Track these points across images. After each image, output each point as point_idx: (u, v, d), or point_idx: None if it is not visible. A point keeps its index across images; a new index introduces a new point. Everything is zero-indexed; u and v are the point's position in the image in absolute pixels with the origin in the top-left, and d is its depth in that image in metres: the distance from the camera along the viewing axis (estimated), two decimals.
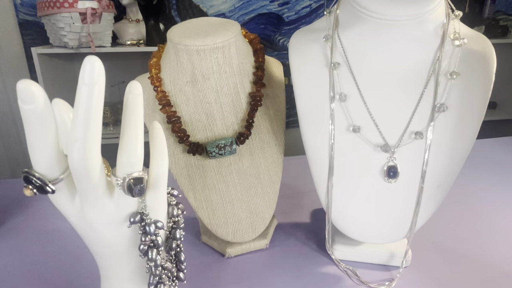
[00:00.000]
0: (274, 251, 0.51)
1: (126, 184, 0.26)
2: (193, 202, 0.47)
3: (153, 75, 0.46)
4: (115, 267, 0.32)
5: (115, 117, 1.67)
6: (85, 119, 0.23)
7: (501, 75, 0.81)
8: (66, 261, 0.49)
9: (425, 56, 0.42)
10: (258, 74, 0.48)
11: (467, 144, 0.41)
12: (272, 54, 1.87)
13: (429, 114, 0.42)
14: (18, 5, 1.60)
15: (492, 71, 0.41)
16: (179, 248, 0.33)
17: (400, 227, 0.43)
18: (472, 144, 0.41)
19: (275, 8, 1.81)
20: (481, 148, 0.87)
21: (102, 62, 0.22)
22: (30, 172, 0.25)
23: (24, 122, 0.24)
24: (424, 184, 0.42)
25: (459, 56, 0.41)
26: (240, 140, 0.46)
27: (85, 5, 1.29)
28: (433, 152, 0.41)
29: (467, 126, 0.41)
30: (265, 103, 0.49)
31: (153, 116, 0.47)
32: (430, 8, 0.40)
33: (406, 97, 0.42)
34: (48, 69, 1.50)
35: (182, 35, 0.44)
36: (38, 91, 0.23)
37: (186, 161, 0.47)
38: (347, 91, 0.43)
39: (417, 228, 0.43)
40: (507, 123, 1.92)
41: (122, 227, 0.29)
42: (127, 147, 0.26)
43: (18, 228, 0.57)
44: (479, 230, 0.56)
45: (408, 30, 0.41)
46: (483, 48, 0.42)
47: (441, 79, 0.41)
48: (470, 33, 0.43)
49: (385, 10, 0.40)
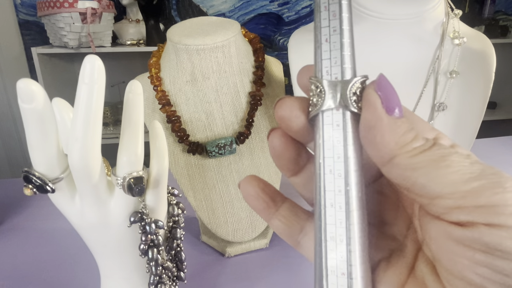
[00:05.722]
0: (274, 250, 0.51)
1: (126, 184, 0.26)
2: (193, 202, 0.47)
3: (153, 75, 0.46)
4: (115, 267, 0.32)
5: (115, 117, 1.67)
6: (85, 119, 0.23)
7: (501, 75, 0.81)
8: (66, 261, 0.49)
9: (425, 55, 0.42)
10: (258, 73, 0.48)
11: (467, 143, 0.41)
12: (272, 54, 1.87)
13: (428, 113, 0.42)
14: (18, 5, 1.60)
15: (492, 70, 0.41)
16: (179, 247, 0.33)
17: None
18: (471, 143, 0.41)
19: (275, 8, 1.81)
20: (481, 147, 0.87)
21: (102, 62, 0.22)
22: (30, 171, 0.25)
23: (24, 122, 0.24)
24: None
25: (458, 55, 0.41)
26: (240, 139, 0.46)
27: (85, 5, 1.29)
28: None
29: (467, 125, 0.41)
30: (265, 102, 0.49)
31: (153, 116, 0.47)
32: (430, 7, 0.40)
33: (406, 96, 0.42)
34: (48, 69, 1.50)
35: (182, 35, 0.44)
36: (38, 90, 0.23)
37: (186, 161, 0.47)
38: None
39: None
40: (507, 123, 1.91)
41: (122, 226, 0.29)
42: (127, 147, 0.26)
43: (18, 227, 0.57)
44: None
45: (408, 29, 0.41)
46: (483, 47, 0.42)
47: (440, 78, 0.41)
48: (470, 32, 0.43)
49: (384, 9, 0.40)
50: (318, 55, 0.15)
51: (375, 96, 0.14)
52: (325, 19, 0.15)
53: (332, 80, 0.14)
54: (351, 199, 0.14)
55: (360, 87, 0.14)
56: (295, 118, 0.15)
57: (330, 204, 0.14)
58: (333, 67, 0.15)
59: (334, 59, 0.14)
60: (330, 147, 0.14)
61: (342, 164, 0.14)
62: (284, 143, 0.16)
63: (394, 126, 0.13)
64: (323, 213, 0.14)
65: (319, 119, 0.15)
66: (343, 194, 0.14)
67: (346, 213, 0.14)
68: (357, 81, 0.14)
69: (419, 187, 0.13)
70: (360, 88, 0.14)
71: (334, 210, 0.14)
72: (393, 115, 0.14)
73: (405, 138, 0.13)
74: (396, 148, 0.13)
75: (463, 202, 0.12)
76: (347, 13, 0.14)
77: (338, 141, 0.14)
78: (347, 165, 0.14)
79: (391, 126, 0.13)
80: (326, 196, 0.14)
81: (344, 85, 0.14)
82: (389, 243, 0.17)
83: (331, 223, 0.14)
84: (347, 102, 0.14)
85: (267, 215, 0.18)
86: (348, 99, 0.14)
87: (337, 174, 0.14)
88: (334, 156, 0.14)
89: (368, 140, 0.14)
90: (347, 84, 0.14)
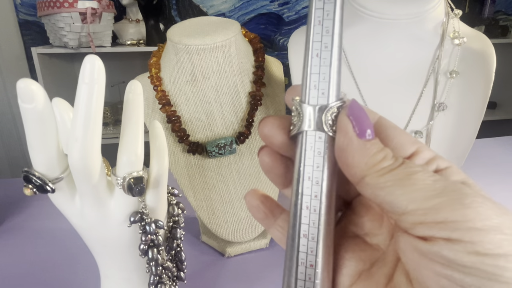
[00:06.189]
0: (274, 250, 0.51)
1: (126, 184, 0.26)
2: (193, 202, 0.47)
3: (153, 75, 0.46)
4: (115, 267, 0.32)
5: (115, 117, 1.67)
6: (85, 118, 0.23)
7: (501, 75, 0.81)
8: (66, 261, 0.49)
9: (425, 55, 0.42)
10: (258, 73, 0.48)
11: (467, 143, 0.41)
12: (272, 54, 1.86)
13: (428, 113, 0.42)
14: (18, 5, 1.60)
15: (492, 70, 0.41)
16: (179, 247, 0.33)
17: None
18: (472, 143, 0.41)
19: (275, 8, 1.81)
20: (481, 147, 0.87)
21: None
22: (30, 171, 0.25)
23: (24, 122, 0.24)
24: None
25: (458, 55, 0.41)
26: (240, 139, 0.46)
27: (85, 5, 1.29)
28: None
29: (467, 125, 0.41)
30: (265, 102, 0.49)
31: (153, 116, 0.47)
32: (430, 7, 0.40)
33: (406, 96, 0.42)
34: (48, 69, 1.50)
35: (182, 35, 0.44)
36: (38, 90, 0.23)
37: (186, 161, 0.47)
38: (346, 90, 0.43)
39: None
40: (507, 123, 1.91)
41: (122, 226, 0.29)
42: (127, 147, 0.26)
43: (18, 227, 0.57)
44: None
45: (408, 29, 0.41)
46: (483, 46, 0.42)
47: (440, 78, 0.41)
48: (470, 32, 0.43)
49: (384, 9, 0.40)
50: (306, 73, 0.16)
51: (347, 120, 0.15)
52: (317, 38, 0.16)
53: (310, 104, 0.16)
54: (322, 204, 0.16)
55: (336, 112, 0.16)
56: (277, 136, 0.17)
57: (306, 207, 0.16)
58: (312, 90, 0.16)
59: (322, 75, 0.16)
60: (309, 163, 0.16)
61: (319, 184, 0.16)
62: (273, 160, 0.18)
63: (364, 148, 0.15)
64: (299, 214, 0.16)
65: (298, 138, 0.16)
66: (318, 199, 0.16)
67: (319, 215, 0.16)
68: (333, 106, 0.16)
69: (388, 204, 0.14)
70: (336, 113, 0.16)
71: (309, 212, 0.16)
72: (364, 137, 0.15)
73: (374, 159, 0.15)
74: (365, 169, 0.15)
75: (425, 218, 0.13)
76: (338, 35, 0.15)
77: (316, 161, 0.16)
78: (321, 188, 0.16)
79: (361, 148, 0.15)
80: (303, 200, 0.16)
81: (321, 109, 0.16)
82: (373, 253, 0.18)
83: (305, 223, 0.16)
84: (321, 125, 0.16)
85: (266, 224, 0.20)
86: (323, 123, 0.16)
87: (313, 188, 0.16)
88: (312, 171, 0.16)
89: (341, 161, 0.15)
90: (323, 109, 0.16)
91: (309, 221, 0.16)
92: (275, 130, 0.17)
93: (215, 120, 0.46)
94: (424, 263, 0.13)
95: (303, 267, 0.17)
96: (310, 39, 0.16)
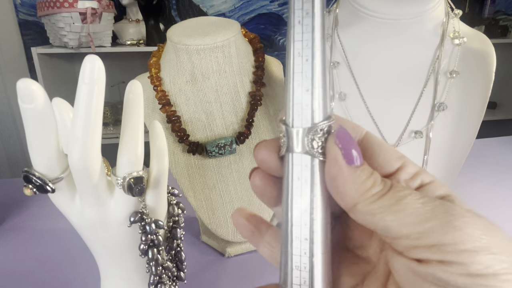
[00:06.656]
0: None
1: (126, 184, 0.26)
2: (193, 202, 0.47)
3: (153, 75, 0.46)
4: (115, 267, 0.32)
5: (115, 117, 1.67)
6: (86, 119, 0.23)
7: (501, 75, 0.81)
8: (66, 261, 0.49)
9: (425, 55, 0.42)
10: (258, 73, 0.48)
11: (467, 143, 0.41)
12: (272, 54, 1.86)
13: (428, 113, 0.42)
14: (18, 5, 1.60)
15: (492, 70, 0.41)
16: (179, 247, 0.33)
17: None
18: (472, 143, 0.41)
19: (275, 8, 1.81)
20: (481, 147, 0.87)
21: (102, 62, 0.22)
22: (30, 171, 0.25)
23: (24, 122, 0.24)
24: None
25: (458, 55, 0.41)
26: (240, 139, 0.46)
27: (85, 5, 1.29)
28: (432, 151, 0.41)
29: (467, 125, 0.41)
30: (265, 102, 0.49)
31: (153, 116, 0.47)
32: (430, 7, 0.40)
33: (406, 96, 0.42)
34: (48, 69, 1.50)
35: (182, 35, 0.44)
36: (38, 90, 0.23)
37: (186, 161, 0.47)
38: (346, 90, 0.43)
39: None
40: (507, 123, 1.91)
41: (122, 226, 0.29)
42: (127, 147, 0.26)
43: (18, 227, 0.57)
44: None
45: (408, 29, 0.41)
46: (483, 46, 0.42)
47: (440, 78, 0.41)
48: (470, 31, 0.43)
49: (384, 9, 0.40)
50: (288, 90, 0.16)
51: (336, 149, 0.15)
52: (299, 57, 0.15)
53: (295, 127, 0.16)
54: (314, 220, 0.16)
55: (320, 134, 0.16)
56: (272, 160, 0.17)
57: (297, 224, 0.16)
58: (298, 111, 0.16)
59: (305, 87, 0.16)
60: (297, 186, 0.16)
61: (308, 211, 0.16)
62: (264, 183, 0.18)
63: (354, 175, 0.15)
64: (289, 231, 0.16)
65: (286, 159, 0.16)
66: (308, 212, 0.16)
67: (310, 228, 0.16)
68: (318, 128, 0.15)
69: (381, 229, 0.15)
70: (320, 135, 0.16)
71: (300, 228, 0.16)
72: (353, 164, 0.15)
73: (364, 186, 0.15)
74: (356, 196, 0.15)
75: (418, 242, 0.14)
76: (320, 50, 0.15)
77: (303, 179, 0.16)
78: (312, 201, 0.16)
79: (351, 176, 0.15)
80: (294, 215, 0.16)
81: (306, 132, 0.16)
82: (365, 266, 0.18)
83: (297, 238, 0.16)
84: (305, 147, 0.16)
85: (254, 241, 0.20)
86: (306, 145, 0.16)
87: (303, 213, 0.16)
88: (301, 187, 0.16)
89: (332, 189, 0.16)
90: (309, 131, 0.16)
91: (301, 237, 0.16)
92: (269, 154, 0.17)
93: (215, 120, 0.46)
94: (418, 282, 0.14)
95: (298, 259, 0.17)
96: (291, 57, 0.15)
